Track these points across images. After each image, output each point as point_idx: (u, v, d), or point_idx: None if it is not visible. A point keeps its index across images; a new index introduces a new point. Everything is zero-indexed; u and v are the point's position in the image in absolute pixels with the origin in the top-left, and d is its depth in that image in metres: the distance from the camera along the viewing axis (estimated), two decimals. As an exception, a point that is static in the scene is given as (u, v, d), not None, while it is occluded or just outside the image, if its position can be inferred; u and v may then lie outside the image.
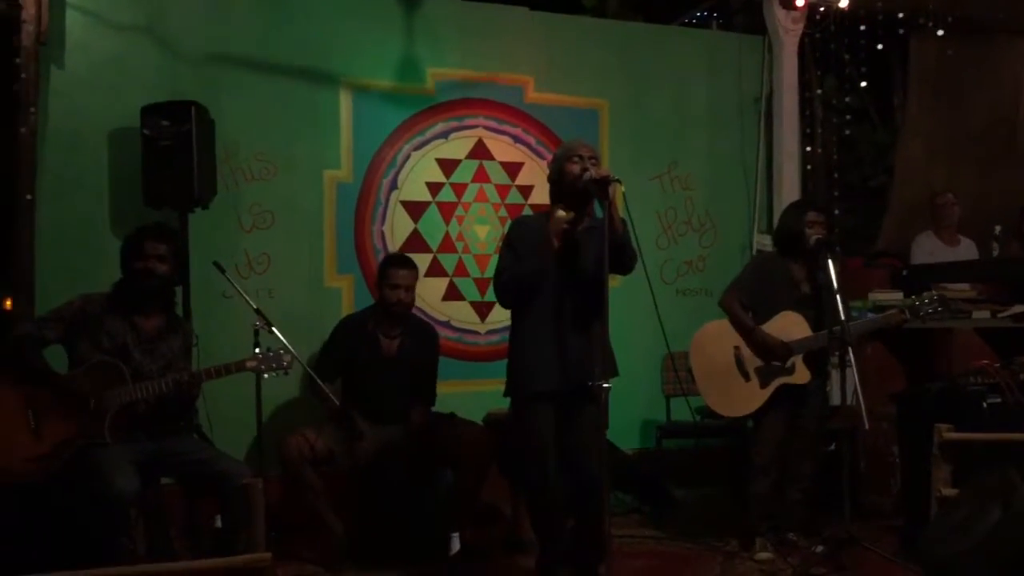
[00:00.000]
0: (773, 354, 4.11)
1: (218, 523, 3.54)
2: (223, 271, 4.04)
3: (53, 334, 3.52)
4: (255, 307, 3.86)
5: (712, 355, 4.19)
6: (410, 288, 4.33)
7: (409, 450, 4.14)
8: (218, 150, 4.57)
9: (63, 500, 3.35)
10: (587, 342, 3.40)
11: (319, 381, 3.95)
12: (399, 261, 4.39)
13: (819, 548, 4.00)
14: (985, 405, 3.88)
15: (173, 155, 4.23)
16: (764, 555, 4.07)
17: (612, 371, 3.47)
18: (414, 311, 4.61)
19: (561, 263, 3.40)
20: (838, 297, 3.93)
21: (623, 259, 3.35)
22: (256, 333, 3.78)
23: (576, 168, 3.40)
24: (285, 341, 3.72)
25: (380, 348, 4.31)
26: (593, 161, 3.43)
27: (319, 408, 4.18)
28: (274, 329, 3.78)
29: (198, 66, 4.69)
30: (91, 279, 3.93)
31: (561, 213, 3.39)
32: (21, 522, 3.37)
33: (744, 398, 4.16)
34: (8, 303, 5.59)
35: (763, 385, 4.16)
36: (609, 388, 3.23)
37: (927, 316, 4.15)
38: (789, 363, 4.12)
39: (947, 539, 3.30)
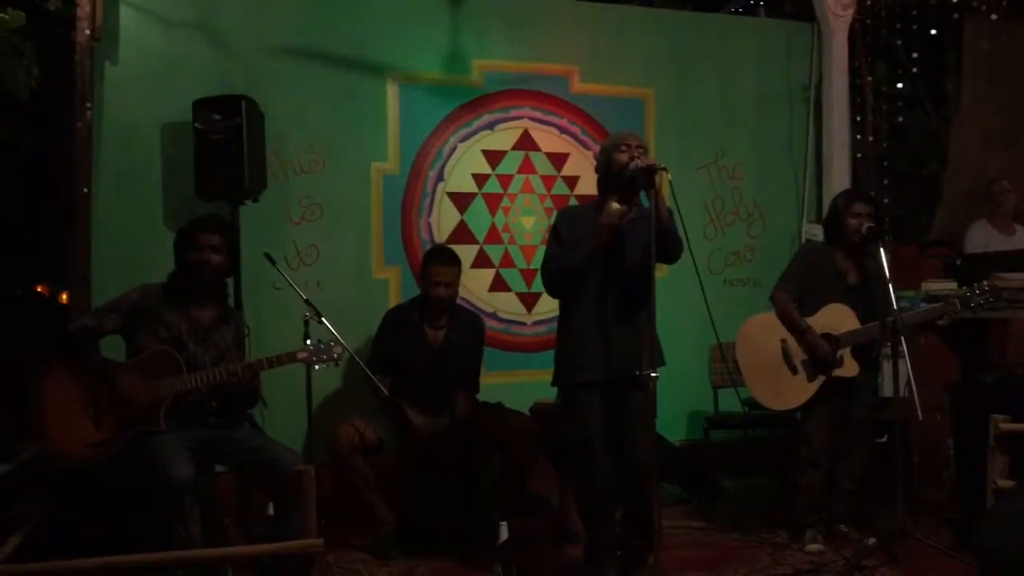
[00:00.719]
0: (823, 360, 4.06)
1: (271, 511, 3.59)
2: (274, 263, 4.10)
3: (111, 324, 3.60)
4: (305, 298, 3.91)
5: (759, 348, 4.16)
6: (451, 284, 4.33)
7: (456, 438, 4.17)
8: (268, 143, 4.63)
9: (120, 486, 3.42)
10: (634, 332, 3.39)
11: (369, 372, 3.99)
12: (440, 257, 4.38)
13: (871, 541, 3.95)
14: (1043, 396, 3.81)
15: (224, 148, 4.30)
16: (815, 547, 4.04)
17: (659, 361, 3.45)
18: (461, 302, 4.64)
19: (608, 251, 3.40)
20: (889, 287, 3.88)
21: (669, 248, 3.35)
22: (306, 324, 3.83)
23: (624, 157, 3.40)
24: (335, 332, 3.76)
25: (426, 339, 4.34)
26: (641, 150, 3.42)
27: (369, 398, 4.23)
28: (324, 320, 3.82)
29: (248, 60, 4.76)
30: (146, 271, 4.01)
31: (616, 206, 3.37)
32: (80, 507, 3.46)
33: (791, 391, 4.12)
34: (65, 296, 5.75)
35: (810, 378, 4.11)
36: (657, 377, 3.23)
37: (979, 307, 4.07)
38: (838, 355, 4.08)
39: (1004, 532, 3.24)
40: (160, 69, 4.63)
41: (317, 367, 3.72)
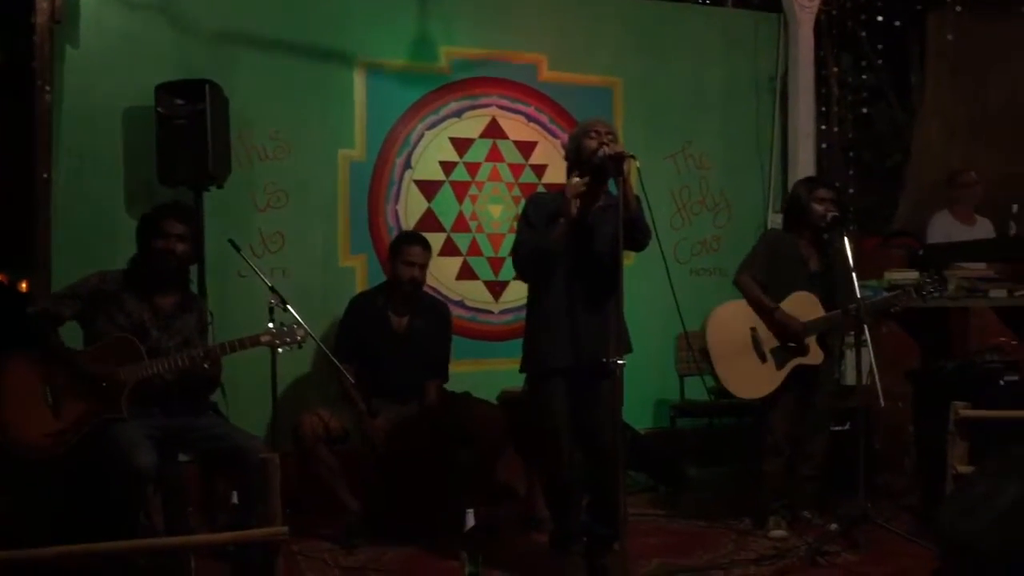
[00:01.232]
0: (793, 335, 4.09)
1: (235, 499, 3.56)
2: (238, 249, 4.05)
3: (69, 311, 3.54)
4: (270, 285, 3.87)
5: (729, 336, 4.16)
6: (423, 266, 4.33)
7: (423, 427, 4.16)
8: (232, 129, 4.56)
9: (81, 475, 3.37)
10: (602, 319, 3.40)
11: (334, 358, 3.96)
12: (414, 238, 4.40)
13: (833, 526, 4.00)
14: (1002, 382, 3.87)
15: (187, 133, 4.25)
16: (778, 533, 4.08)
17: (626, 348, 3.46)
18: (428, 290, 4.62)
19: (576, 239, 3.40)
20: (853, 276, 3.91)
21: (637, 236, 3.35)
22: (271, 311, 3.79)
23: (592, 143, 3.40)
24: (299, 318, 3.73)
25: (390, 326, 4.32)
26: (610, 137, 3.42)
27: (334, 386, 4.20)
28: (289, 307, 3.79)
29: (212, 44, 4.70)
30: (108, 257, 3.95)
31: (576, 179, 3.38)
32: (40, 497, 3.40)
33: (761, 379, 4.14)
34: (24, 285, 5.64)
35: (779, 366, 4.14)
36: (623, 365, 3.23)
37: (929, 296, 4.12)
38: (805, 343, 4.11)
39: (963, 517, 3.28)
40: (122, 52, 4.55)
41: (280, 350, 3.69)
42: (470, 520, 3.17)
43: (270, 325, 3.68)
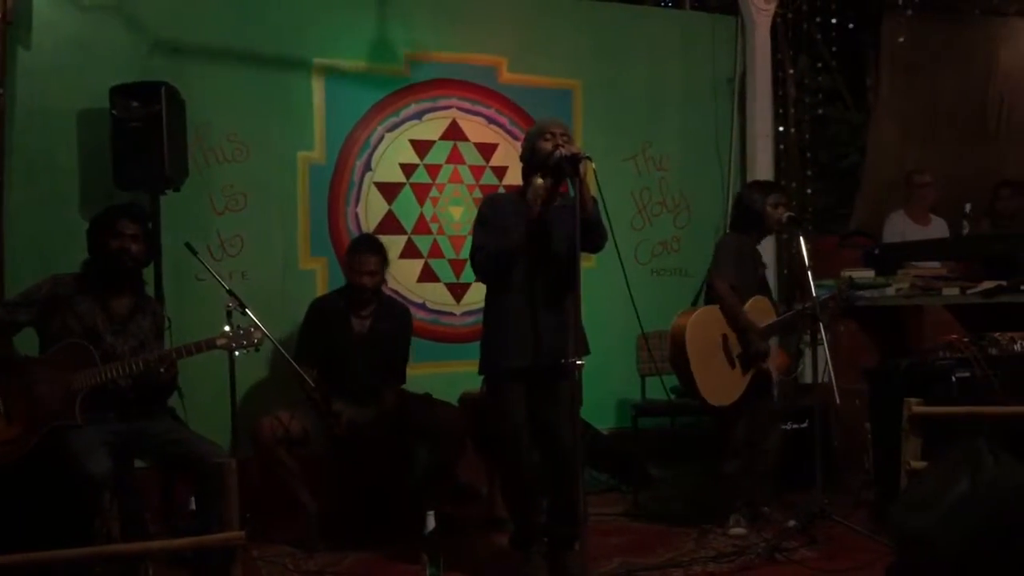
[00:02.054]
0: (757, 356, 4.13)
1: (193, 505, 3.53)
2: (195, 253, 4.02)
3: (24, 317, 3.49)
4: (227, 288, 3.84)
5: (705, 345, 4.12)
6: (375, 273, 4.31)
7: (384, 429, 4.15)
8: (189, 131, 4.52)
9: (36, 483, 3.33)
10: (560, 320, 3.41)
11: (293, 361, 3.94)
12: (365, 246, 4.35)
13: (792, 523, 4.04)
14: (954, 379, 3.93)
15: (143, 136, 4.19)
16: (737, 530, 4.11)
17: (584, 349, 3.48)
18: (389, 292, 4.61)
19: (534, 240, 3.41)
20: (808, 275, 3.97)
21: (593, 237, 3.36)
22: (229, 315, 3.76)
23: (548, 145, 3.40)
24: (257, 321, 3.70)
25: (352, 329, 4.31)
26: (565, 138, 3.44)
27: (294, 389, 4.17)
28: (247, 310, 3.76)
29: (168, 46, 4.64)
30: (62, 262, 3.88)
31: (539, 180, 3.39)
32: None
33: (730, 385, 4.15)
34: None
35: (744, 371, 4.17)
36: (582, 365, 3.25)
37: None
38: (765, 348, 4.16)
39: (916, 511, 3.34)
40: (75, 54, 4.49)
41: (237, 353, 3.66)
42: (431, 522, 3.17)
43: (226, 328, 3.65)
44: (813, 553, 3.83)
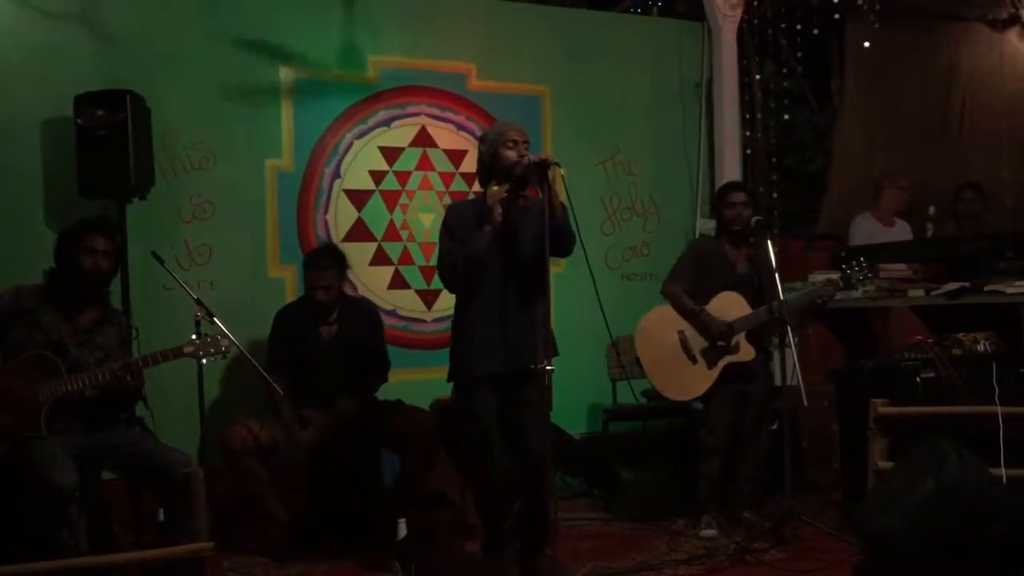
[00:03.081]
0: (717, 335, 4.17)
1: (162, 516, 3.50)
2: (162, 262, 3.98)
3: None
4: (195, 297, 3.81)
5: (658, 341, 4.24)
6: (331, 288, 4.27)
7: (353, 436, 4.13)
8: (155, 139, 4.48)
9: (1, 496, 3.29)
10: (529, 324, 3.42)
11: (261, 370, 3.92)
12: (317, 261, 4.29)
13: (767, 524, 4.07)
14: (919, 380, 3.98)
15: (108, 145, 4.17)
16: (708, 532, 4.14)
17: (553, 352, 3.49)
18: (353, 294, 4.59)
19: (501, 244, 3.41)
20: (776, 277, 4.01)
21: (562, 242, 3.37)
22: (197, 324, 3.73)
23: (512, 154, 3.40)
24: (226, 330, 3.68)
25: (319, 335, 4.30)
26: (526, 145, 3.44)
27: (264, 398, 4.15)
28: (215, 319, 3.74)
29: (133, 54, 4.61)
30: (26, 272, 3.84)
31: (496, 188, 3.40)
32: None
33: (693, 381, 4.22)
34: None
35: (710, 366, 4.22)
36: (552, 370, 3.25)
37: (859, 283, 4.26)
38: (733, 342, 4.19)
39: (881, 511, 3.38)
40: (39, 62, 4.45)
41: (205, 361, 3.63)
42: (402, 529, 3.16)
43: (194, 336, 3.62)
44: (782, 554, 3.86)
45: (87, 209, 4.17)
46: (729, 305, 4.22)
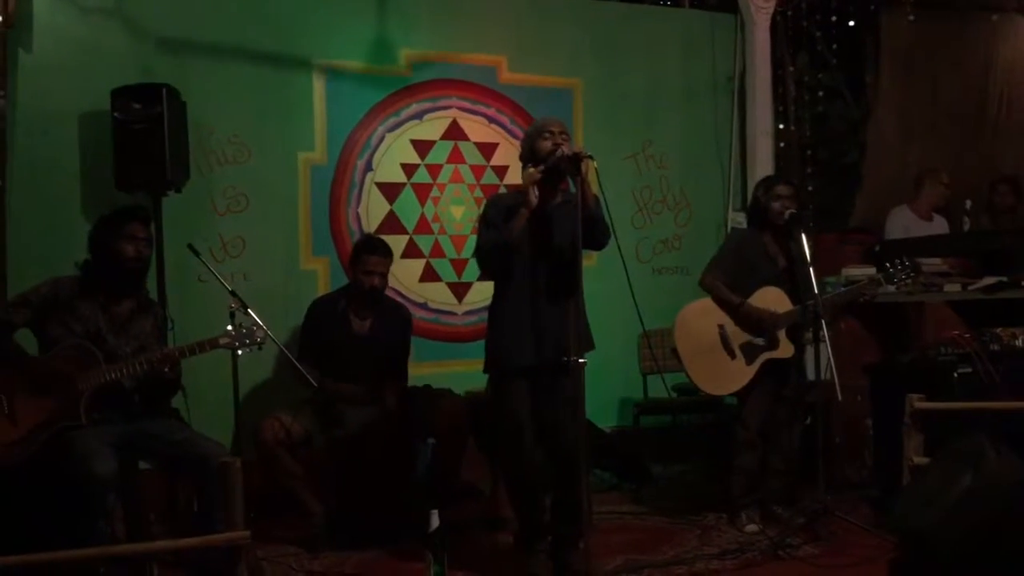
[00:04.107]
0: (761, 325, 4.13)
1: (196, 506, 3.53)
2: (198, 254, 4.02)
3: (20, 318, 3.48)
4: (230, 289, 3.84)
5: (697, 335, 4.18)
6: (383, 274, 4.31)
7: (386, 429, 4.15)
8: (190, 133, 4.53)
9: (41, 484, 3.33)
10: (563, 317, 3.41)
11: (296, 362, 3.94)
12: (373, 247, 4.34)
13: (800, 519, 4.05)
14: (956, 375, 3.94)
15: (145, 138, 4.22)
16: (751, 527, 4.12)
17: (588, 346, 3.48)
18: (390, 292, 4.62)
19: (536, 233, 3.42)
20: (811, 271, 3.97)
21: (596, 235, 3.37)
22: (232, 315, 3.75)
23: (548, 144, 3.41)
24: (259, 320, 3.70)
25: (352, 329, 4.31)
26: (564, 137, 3.44)
27: (296, 391, 4.18)
28: (250, 311, 3.76)
29: (169, 48, 4.66)
30: (64, 264, 3.89)
31: (531, 169, 3.40)
32: (1, 506, 3.35)
33: (731, 376, 4.18)
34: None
35: (749, 362, 4.18)
36: (585, 363, 3.25)
37: (901, 282, 4.20)
38: (773, 338, 4.16)
39: (919, 507, 3.35)
40: (77, 57, 4.50)
41: (240, 352, 3.66)
42: (434, 521, 3.17)
43: (229, 328, 3.65)
44: (816, 549, 3.84)
45: (123, 202, 4.21)
46: (772, 300, 4.18)
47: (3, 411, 3.30)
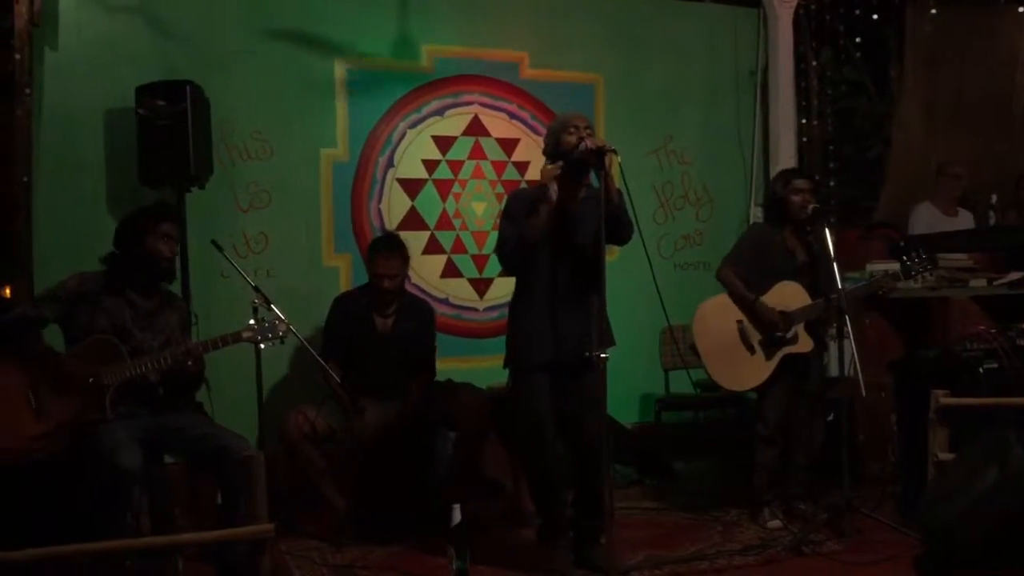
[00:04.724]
0: (773, 326, 4.12)
1: (220, 500, 3.55)
2: (221, 250, 4.05)
3: (50, 313, 3.51)
4: (253, 284, 3.87)
5: (716, 330, 4.18)
6: (396, 275, 4.30)
7: (408, 424, 4.16)
8: (214, 129, 4.56)
9: (67, 478, 3.37)
10: (585, 313, 3.42)
11: (319, 357, 3.96)
12: (384, 247, 4.32)
13: (823, 516, 4.02)
14: (981, 370, 3.90)
15: (169, 134, 4.25)
16: (775, 523, 4.10)
17: (609, 341, 3.48)
18: (412, 288, 4.63)
19: (559, 229, 3.41)
20: (834, 266, 3.95)
21: (620, 229, 3.37)
22: (255, 311, 3.79)
23: (572, 138, 3.41)
24: (282, 316, 3.72)
25: (375, 326, 4.32)
26: (588, 131, 3.44)
27: (320, 385, 4.20)
28: (273, 306, 3.79)
29: (193, 45, 4.69)
30: (90, 260, 3.91)
31: (550, 166, 3.40)
32: (26, 501, 3.39)
33: (751, 371, 4.17)
34: (7, 291, 5.61)
35: (768, 357, 4.17)
36: (607, 358, 3.25)
37: (919, 275, 4.17)
38: (791, 333, 4.14)
39: (944, 502, 3.33)
40: (101, 54, 4.54)
41: (263, 346, 3.68)
42: (456, 515, 3.18)
43: (252, 322, 3.67)
44: (840, 546, 3.82)
45: (148, 198, 4.28)
46: (790, 295, 4.16)
47: (30, 406, 3.33)
